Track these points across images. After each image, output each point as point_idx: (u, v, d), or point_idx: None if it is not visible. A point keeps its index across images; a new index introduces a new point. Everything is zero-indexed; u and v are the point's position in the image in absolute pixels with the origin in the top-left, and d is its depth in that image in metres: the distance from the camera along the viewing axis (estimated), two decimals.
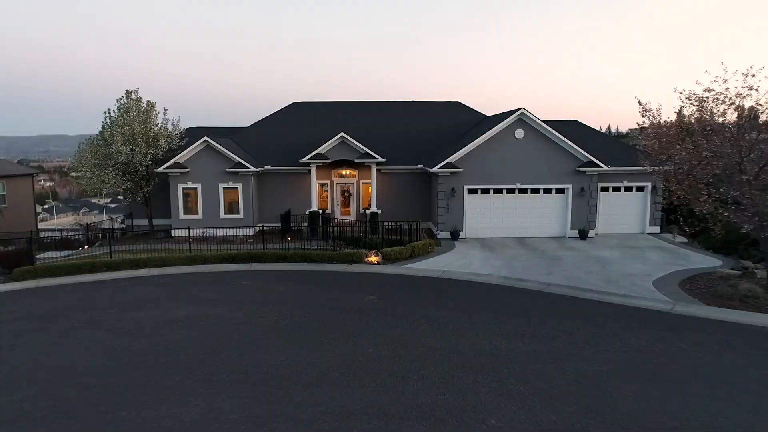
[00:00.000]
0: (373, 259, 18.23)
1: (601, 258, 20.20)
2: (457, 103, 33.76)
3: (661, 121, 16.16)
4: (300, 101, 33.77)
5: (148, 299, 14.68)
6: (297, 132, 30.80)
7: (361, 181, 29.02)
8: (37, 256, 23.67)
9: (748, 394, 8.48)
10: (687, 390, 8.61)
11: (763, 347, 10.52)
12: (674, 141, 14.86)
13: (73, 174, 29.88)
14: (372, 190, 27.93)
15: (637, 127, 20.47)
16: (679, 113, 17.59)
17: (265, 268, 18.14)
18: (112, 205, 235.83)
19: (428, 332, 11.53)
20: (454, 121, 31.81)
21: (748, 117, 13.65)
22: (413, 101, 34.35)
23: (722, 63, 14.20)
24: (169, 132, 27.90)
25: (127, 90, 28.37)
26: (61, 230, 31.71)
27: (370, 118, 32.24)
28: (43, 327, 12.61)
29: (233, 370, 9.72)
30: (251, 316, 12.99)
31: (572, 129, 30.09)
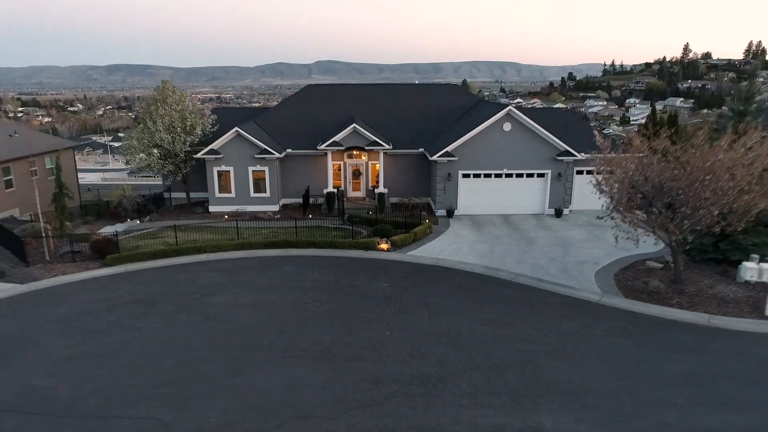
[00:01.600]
0: (384, 246, 23.07)
1: (566, 240, 25.04)
2: (455, 85, 37.49)
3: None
4: (314, 83, 37.37)
5: (218, 285, 19.66)
6: (313, 114, 34.70)
7: (369, 162, 33.33)
8: (99, 231, 28.54)
9: (625, 367, 13.55)
10: (588, 365, 13.68)
11: (650, 333, 15.53)
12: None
13: (123, 155, 33.85)
14: (380, 171, 32.31)
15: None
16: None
17: (299, 253, 23.04)
18: (115, 144, 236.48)
19: (427, 318, 16.55)
20: (452, 103, 35.62)
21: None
22: (416, 84, 37.96)
23: None
24: (203, 120, 31.83)
25: (163, 81, 32.16)
26: (108, 202, 36.11)
27: (376, 100, 36.04)
28: (149, 311, 17.62)
29: (297, 348, 14.77)
30: (298, 302, 17.99)
31: (558, 115, 34.18)
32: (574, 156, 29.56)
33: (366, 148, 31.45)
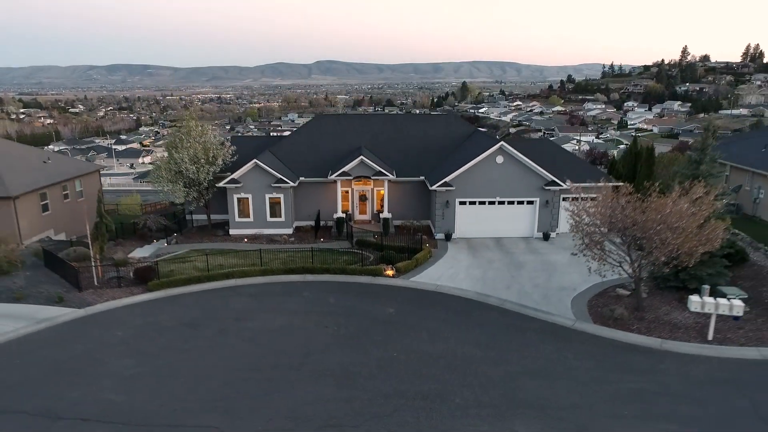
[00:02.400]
0: (390, 272, 26.32)
1: (551, 264, 28.29)
2: (453, 114, 41.13)
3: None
4: (323, 113, 40.59)
5: (249, 310, 22.92)
6: (323, 142, 37.96)
7: (375, 188, 36.56)
8: (130, 255, 31.79)
9: (587, 386, 16.79)
10: (558, 383, 16.93)
11: (611, 356, 18.76)
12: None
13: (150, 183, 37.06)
14: (384, 196, 35.55)
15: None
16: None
17: (315, 279, 26.30)
18: (120, 147, 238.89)
19: (427, 342, 19.81)
20: (451, 133, 38.86)
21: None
22: (415, 114, 41.23)
23: None
24: (224, 151, 35.04)
25: (186, 114, 35.40)
26: (135, 221, 39.20)
27: (380, 129, 39.31)
28: (193, 334, 20.87)
29: (322, 368, 18.02)
30: (319, 326, 21.24)
31: (547, 146, 37.49)
32: (560, 186, 32.82)
33: (372, 177, 34.69)
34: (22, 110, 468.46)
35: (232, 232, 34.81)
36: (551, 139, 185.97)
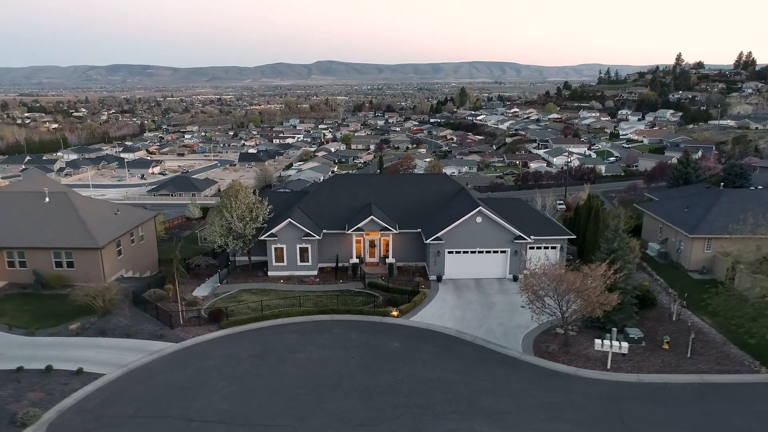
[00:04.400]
0: (395, 313, 36.00)
1: (513, 304, 37.81)
2: (444, 175, 50.65)
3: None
4: (338, 173, 50.37)
5: (297, 343, 32.58)
6: (340, 199, 47.67)
7: (382, 238, 46.28)
8: (193, 294, 41.46)
9: (523, 399, 26.43)
10: (504, 398, 26.61)
11: (542, 380, 28.36)
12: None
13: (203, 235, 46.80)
14: (389, 245, 45.26)
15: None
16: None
17: (340, 318, 35.97)
18: (129, 156, 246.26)
19: (422, 369, 29.48)
20: (442, 190, 48.60)
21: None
22: (415, 174, 51.07)
23: None
24: (263, 209, 44.71)
25: (233, 180, 45.07)
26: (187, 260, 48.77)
27: (386, 186, 49.04)
28: (262, 363, 30.52)
29: (351, 388, 27.68)
30: (346, 357, 30.92)
31: (518, 206, 47.20)
32: (525, 239, 42.55)
33: (380, 231, 44.40)
34: (27, 114, 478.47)
35: (270, 273, 44.54)
36: (543, 152, 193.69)
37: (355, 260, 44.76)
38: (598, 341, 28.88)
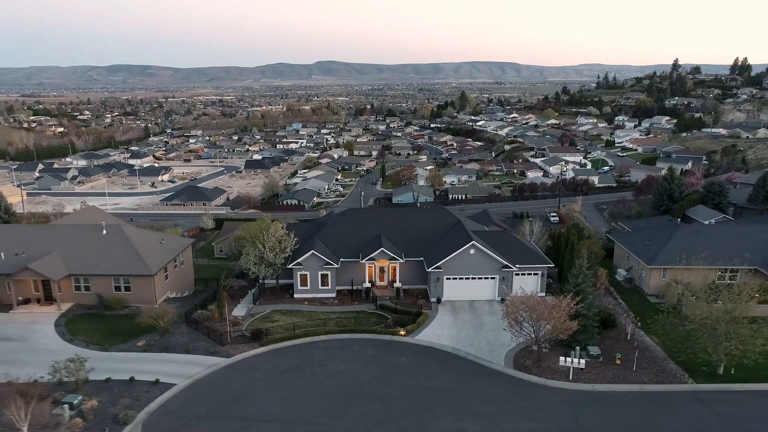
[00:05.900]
0: (402, 333, 44.11)
1: (500, 326, 45.90)
2: (443, 208, 58.72)
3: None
4: (353, 207, 58.63)
5: (325, 359, 40.66)
6: (354, 230, 55.85)
7: (390, 264, 54.39)
8: (233, 314, 49.59)
9: (499, 404, 34.53)
10: (486, 403, 34.69)
11: (518, 389, 36.36)
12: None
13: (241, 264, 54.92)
14: (396, 271, 53.41)
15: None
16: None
17: (358, 336, 44.05)
18: (137, 162, 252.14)
19: (424, 380, 37.60)
20: (441, 222, 56.77)
21: None
22: (417, 208, 59.22)
23: None
24: (289, 241, 52.84)
25: (264, 215, 53.21)
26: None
27: (392, 219, 57.23)
28: (299, 375, 38.63)
29: (370, 395, 35.81)
30: (365, 370, 39.03)
31: (507, 238, 55.30)
32: (512, 268, 50.67)
33: (389, 260, 52.56)
34: (32, 118, 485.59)
35: (296, 296, 52.71)
36: (540, 161, 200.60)
37: (367, 284, 52.93)
38: (562, 358, 37.00)
